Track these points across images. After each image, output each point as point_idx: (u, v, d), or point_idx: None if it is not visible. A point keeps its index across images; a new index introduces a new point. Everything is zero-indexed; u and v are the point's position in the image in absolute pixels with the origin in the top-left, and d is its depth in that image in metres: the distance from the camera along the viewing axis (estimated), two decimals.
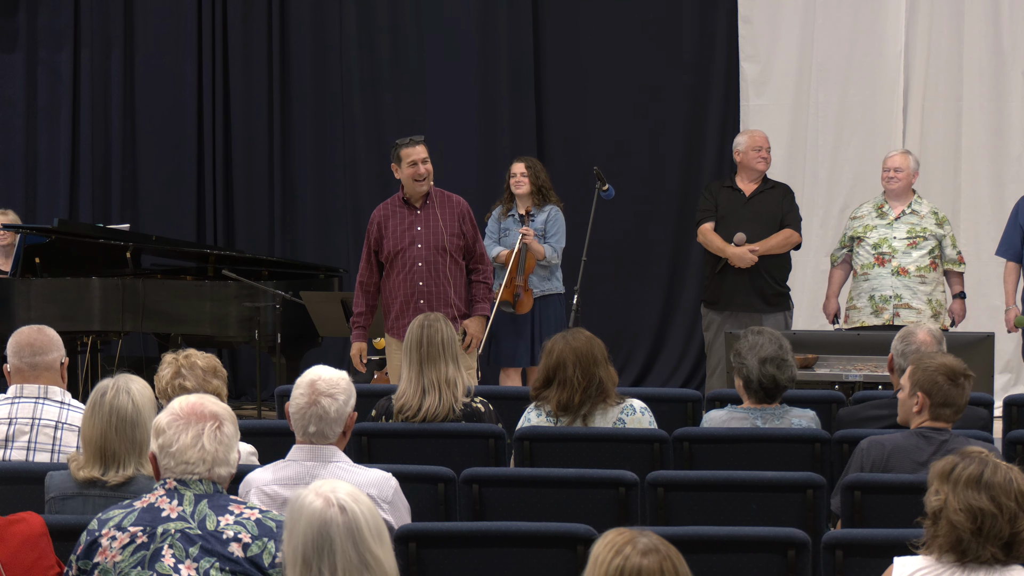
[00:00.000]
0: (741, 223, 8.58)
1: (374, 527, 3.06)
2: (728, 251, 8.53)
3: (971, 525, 3.30)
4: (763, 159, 8.68)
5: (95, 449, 4.19)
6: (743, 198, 8.68)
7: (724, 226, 8.62)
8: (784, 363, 5.39)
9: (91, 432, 4.20)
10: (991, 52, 10.05)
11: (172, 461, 3.56)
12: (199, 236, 11.19)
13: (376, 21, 10.97)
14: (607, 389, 5.37)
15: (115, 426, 4.17)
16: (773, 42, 10.37)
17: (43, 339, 5.03)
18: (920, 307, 8.36)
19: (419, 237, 7.58)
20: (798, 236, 8.68)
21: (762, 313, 8.48)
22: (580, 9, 10.79)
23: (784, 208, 8.66)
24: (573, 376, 5.33)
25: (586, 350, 5.34)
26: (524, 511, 4.80)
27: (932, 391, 4.74)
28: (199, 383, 4.88)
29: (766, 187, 8.72)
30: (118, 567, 3.48)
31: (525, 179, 8.83)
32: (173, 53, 11.27)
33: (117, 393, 4.20)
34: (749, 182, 8.71)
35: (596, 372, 5.34)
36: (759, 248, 8.51)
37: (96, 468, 4.19)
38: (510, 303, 8.65)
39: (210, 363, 5.01)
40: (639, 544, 2.84)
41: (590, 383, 5.33)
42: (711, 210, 8.68)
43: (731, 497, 4.80)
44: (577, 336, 5.41)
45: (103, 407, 4.19)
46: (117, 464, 4.18)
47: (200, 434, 3.56)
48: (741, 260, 8.50)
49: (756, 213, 8.62)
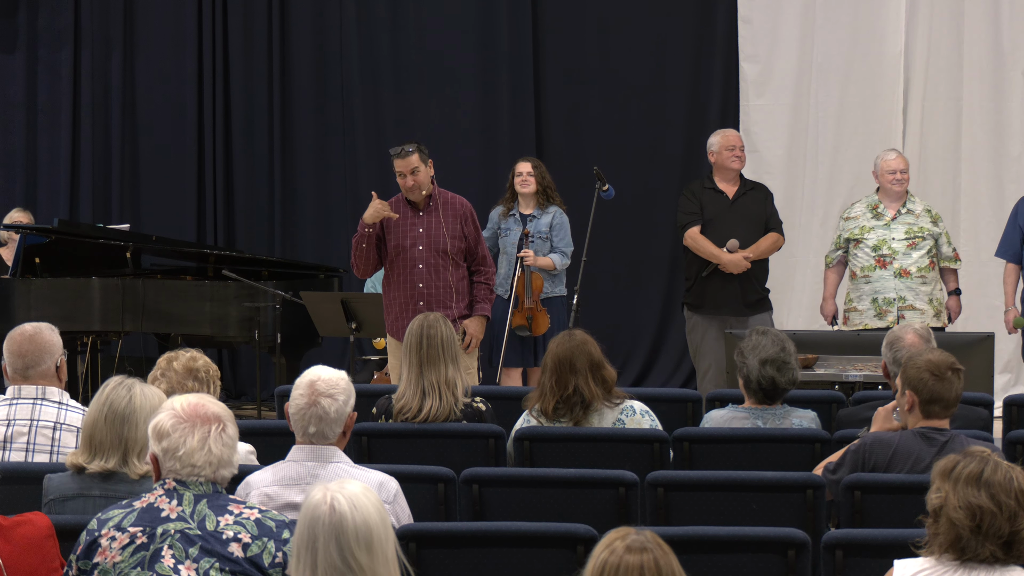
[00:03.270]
0: (728, 226, 8.55)
1: (363, 533, 3.04)
2: (723, 258, 8.49)
3: (970, 523, 3.31)
4: (737, 158, 8.66)
5: (86, 436, 4.20)
6: (727, 201, 8.65)
7: (712, 230, 8.56)
8: (785, 365, 5.38)
9: (87, 419, 4.22)
10: (991, 52, 10.05)
11: (178, 464, 3.56)
12: (199, 236, 11.19)
13: (376, 21, 10.97)
14: (588, 397, 5.33)
15: (105, 415, 4.16)
16: (773, 42, 10.37)
17: (35, 348, 4.98)
18: (923, 307, 8.36)
19: (420, 239, 7.57)
20: (783, 239, 8.71)
21: (746, 316, 8.47)
22: (580, 9, 10.78)
23: (768, 210, 8.66)
24: (548, 383, 5.33)
25: (564, 357, 5.31)
26: (524, 511, 4.80)
27: (918, 388, 4.74)
28: (173, 385, 4.84)
29: (747, 188, 8.70)
30: (118, 567, 3.48)
31: (532, 179, 8.83)
32: (173, 53, 11.27)
33: (118, 387, 4.20)
34: (728, 183, 8.69)
35: (571, 381, 5.29)
36: (751, 254, 8.50)
37: (83, 456, 4.19)
38: (526, 327, 8.65)
39: (189, 365, 4.94)
40: (629, 541, 2.87)
41: (564, 391, 5.31)
42: (697, 213, 8.63)
43: (731, 497, 4.79)
44: (563, 342, 5.37)
45: (101, 395, 4.19)
46: (102, 454, 4.16)
47: (207, 437, 3.56)
48: (736, 267, 8.47)
49: (742, 216, 8.60)
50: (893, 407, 5.02)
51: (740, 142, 8.74)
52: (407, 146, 7.56)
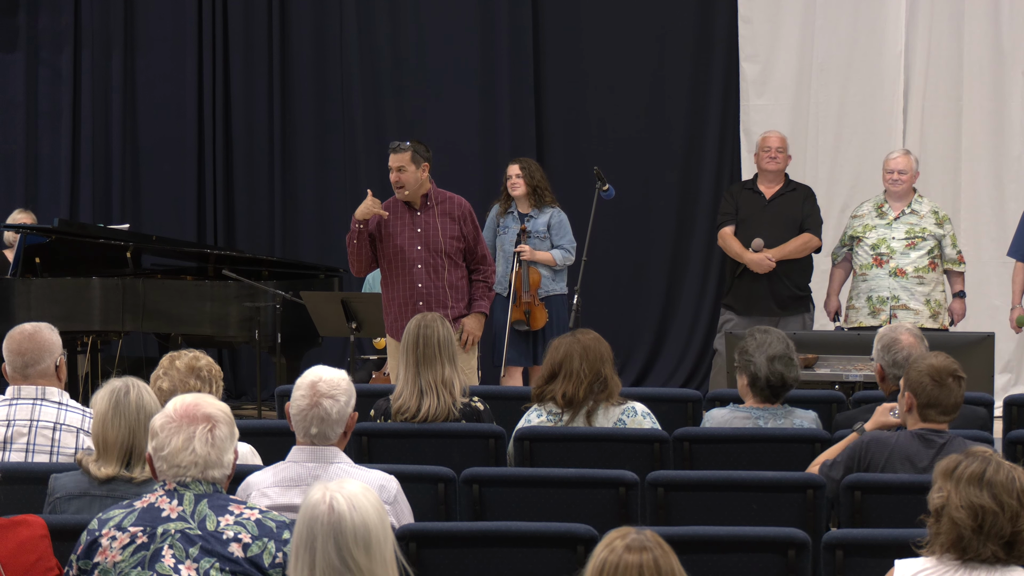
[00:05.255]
0: (760, 226, 8.59)
1: (361, 533, 3.04)
2: (746, 257, 8.54)
3: (972, 523, 3.31)
4: (771, 159, 8.72)
5: (120, 448, 4.15)
6: (763, 201, 8.70)
7: (744, 229, 8.64)
8: (791, 362, 5.41)
9: (115, 432, 4.15)
10: (991, 52, 10.05)
11: (165, 464, 3.56)
12: (199, 236, 11.19)
13: (376, 21, 10.97)
14: (611, 387, 5.38)
15: (143, 424, 4.10)
16: (773, 42, 10.37)
17: (34, 347, 4.98)
18: (918, 308, 8.36)
19: (418, 239, 7.57)
20: (817, 240, 8.68)
21: (780, 317, 8.49)
22: (580, 9, 10.78)
23: (805, 211, 8.67)
24: (580, 369, 5.34)
25: (594, 346, 5.38)
26: (524, 511, 4.80)
27: (917, 391, 4.75)
28: (175, 384, 4.83)
29: (787, 189, 8.73)
30: (118, 567, 3.48)
31: (520, 180, 8.82)
32: (174, 54, 11.27)
33: (140, 392, 4.19)
34: (769, 184, 8.73)
35: (602, 369, 5.35)
36: (775, 254, 8.52)
37: (118, 466, 4.16)
38: (523, 321, 8.66)
39: (191, 364, 4.94)
40: (629, 541, 2.88)
41: (596, 378, 5.35)
42: (731, 213, 8.71)
43: (731, 497, 4.79)
44: (587, 333, 5.46)
45: (128, 406, 4.15)
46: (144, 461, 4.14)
47: (191, 437, 3.55)
48: (759, 266, 8.52)
49: (775, 216, 8.63)
50: (894, 405, 5.03)
51: (777, 143, 8.76)
52: (403, 143, 7.57)
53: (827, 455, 5.00)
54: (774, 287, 8.57)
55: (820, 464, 4.95)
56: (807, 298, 8.72)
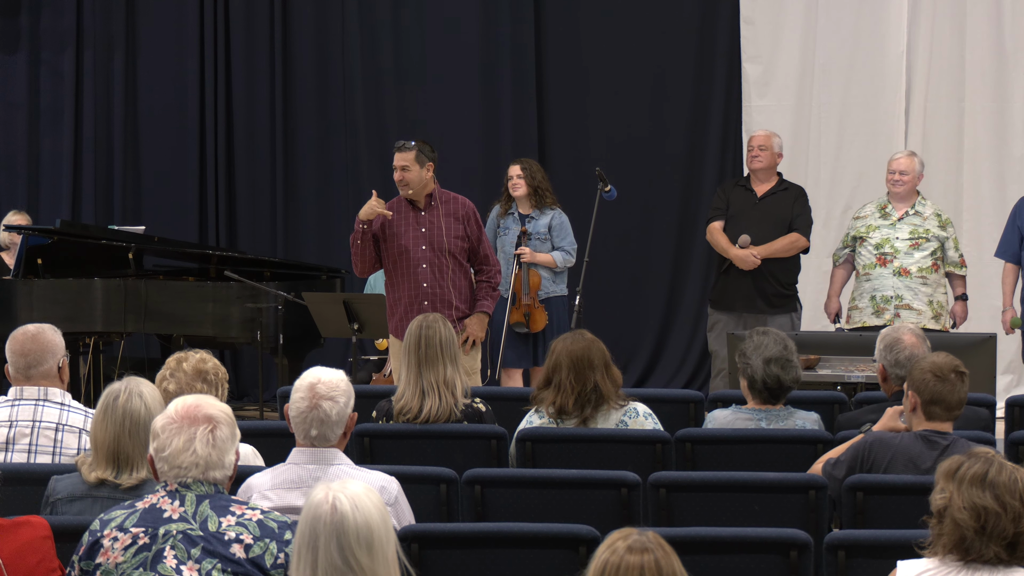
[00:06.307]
0: (749, 223, 8.59)
1: (364, 533, 3.05)
2: (731, 252, 8.55)
3: (975, 524, 3.31)
4: (753, 157, 8.72)
5: (107, 452, 4.16)
6: (754, 198, 8.70)
7: (732, 226, 8.64)
8: (789, 364, 5.39)
9: (103, 435, 4.17)
10: (993, 53, 10.05)
11: (166, 465, 3.57)
12: (201, 237, 11.19)
13: (378, 21, 10.97)
14: (605, 394, 5.36)
15: (128, 430, 4.14)
16: (775, 43, 10.37)
17: (37, 348, 4.98)
18: (921, 308, 8.36)
19: (423, 239, 7.57)
20: (805, 240, 8.66)
21: (766, 314, 8.48)
22: (581, 9, 10.79)
23: (795, 211, 8.66)
24: (566, 380, 5.33)
25: (582, 354, 5.33)
26: (526, 512, 4.80)
27: (920, 388, 4.75)
28: (182, 386, 4.83)
29: (779, 188, 8.72)
30: (120, 568, 3.48)
31: (521, 181, 8.81)
32: (175, 54, 11.28)
33: (130, 397, 4.18)
34: (761, 182, 8.72)
35: (590, 377, 5.33)
36: (761, 252, 8.51)
37: (108, 470, 4.17)
38: (523, 323, 8.66)
39: (198, 366, 4.94)
40: (631, 541, 2.88)
41: (584, 388, 5.33)
42: (722, 209, 8.72)
43: (733, 498, 4.79)
44: (576, 340, 5.40)
45: (116, 411, 4.16)
46: (131, 467, 4.15)
47: (192, 438, 3.55)
48: (743, 262, 8.51)
49: (765, 214, 8.62)
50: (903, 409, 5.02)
51: (760, 141, 8.70)
52: (409, 142, 7.58)
53: (831, 454, 5.00)
54: (759, 284, 8.57)
55: (824, 462, 4.95)
56: (793, 297, 8.71)
